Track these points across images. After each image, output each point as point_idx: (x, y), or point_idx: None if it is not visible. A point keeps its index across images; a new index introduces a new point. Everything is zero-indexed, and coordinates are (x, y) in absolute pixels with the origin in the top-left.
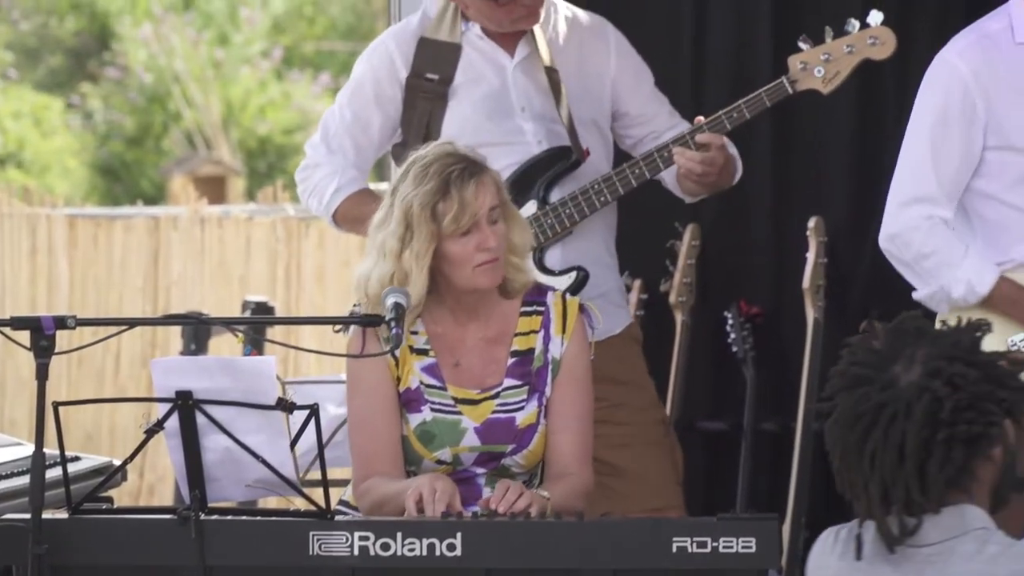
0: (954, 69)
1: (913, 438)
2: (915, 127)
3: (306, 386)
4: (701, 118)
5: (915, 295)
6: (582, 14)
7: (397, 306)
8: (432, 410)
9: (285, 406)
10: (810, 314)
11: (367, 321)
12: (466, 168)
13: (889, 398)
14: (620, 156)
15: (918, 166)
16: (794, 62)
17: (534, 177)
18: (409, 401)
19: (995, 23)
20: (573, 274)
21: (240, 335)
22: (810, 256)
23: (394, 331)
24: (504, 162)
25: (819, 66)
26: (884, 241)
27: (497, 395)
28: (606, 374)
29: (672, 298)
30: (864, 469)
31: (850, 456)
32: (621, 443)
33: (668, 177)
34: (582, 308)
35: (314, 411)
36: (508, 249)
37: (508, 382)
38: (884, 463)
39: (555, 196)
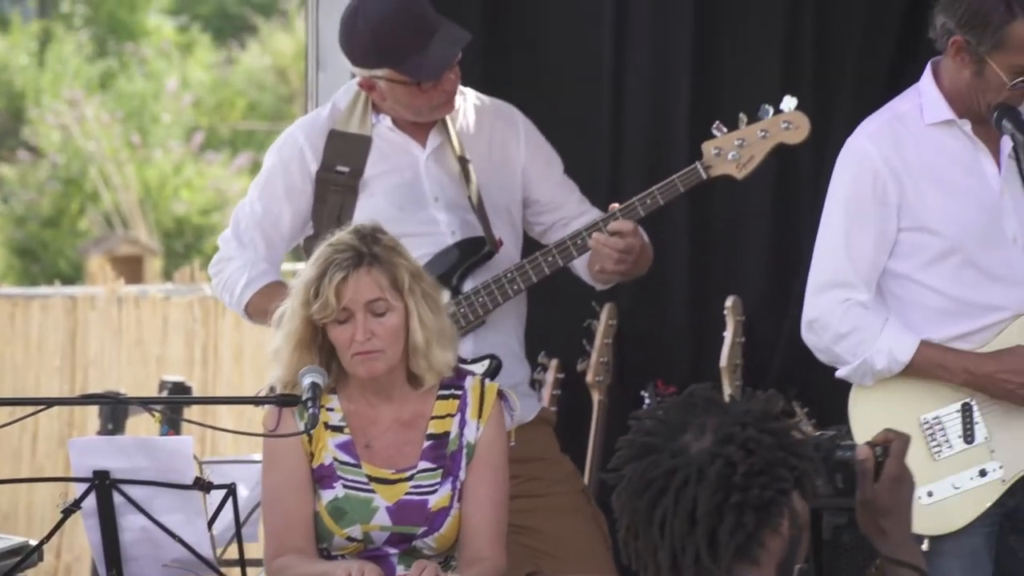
0: (864, 152)
1: (705, 503)
2: (829, 212)
3: (223, 465)
4: (615, 205)
5: (838, 373)
6: (491, 101)
7: (314, 386)
8: (345, 487)
9: (202, 485)
10: (727, 393)
11: (284, 401)
12: (350, 259)
13: (680, 464)
14: (528, 242)
15: (833, 252)
16: (708, 147)
17: (448, 268)
18: (322, 477)
19: (905, 104)
20: (487, 361)
21: (157, 415)
22: (727, 335)
23: (311, 411)
24: (418, 252)
25: (733, 151)
26: (805, 330)
27: (411, 477)
28: (519, 456)
29: (589, 377)
30: (654, 536)
31: (639, 524)
32: (545, 512)
33: (579, 265)
34: (500, 394)
35: (231, 491)
36: (413, 343)
37: (423, 464)
38: (674, 529)
39: (468, 286)
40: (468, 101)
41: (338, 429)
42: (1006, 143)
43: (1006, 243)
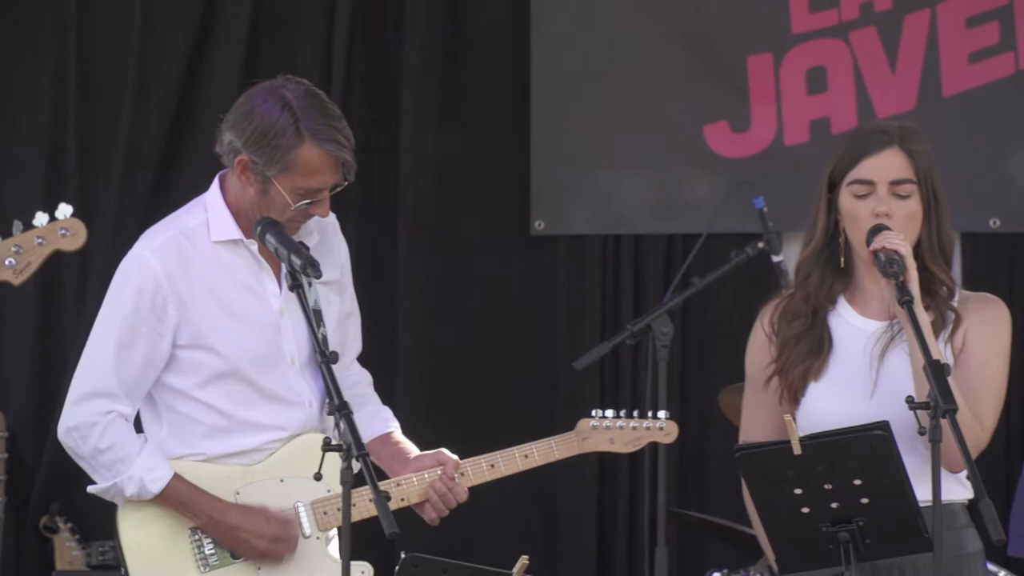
0: (147, 267)
1: None
2: (103, 322)
3: None
4: None
5: (90, 488)
6: None
7: None
8: None
9: None
10: None
11: None
12: None
13: None
14: None
15: (101, 363)
16: None
17: None
18: None
19: (192, 219)
20: None
21: None
22: None
23: None
24: None
25: (10, 257)
26: (62, 434)
27: None
28: None
29: None
30: None
31: None
32: None
33: None
34: None
35: None
36: None
37: None
38: None
39: None
40: None
41: None
42: None
43: (284, 364)
